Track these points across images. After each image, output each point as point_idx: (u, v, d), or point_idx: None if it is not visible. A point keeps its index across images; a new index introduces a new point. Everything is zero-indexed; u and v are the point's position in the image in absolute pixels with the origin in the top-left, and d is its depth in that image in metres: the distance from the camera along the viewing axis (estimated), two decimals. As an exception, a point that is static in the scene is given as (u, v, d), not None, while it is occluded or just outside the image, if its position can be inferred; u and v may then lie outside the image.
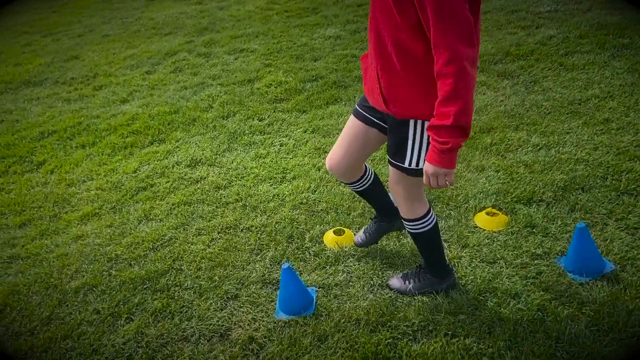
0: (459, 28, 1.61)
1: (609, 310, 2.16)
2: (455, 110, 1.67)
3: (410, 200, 2.16)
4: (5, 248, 3.26)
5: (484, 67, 4.63)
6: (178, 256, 2.90)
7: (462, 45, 1.62)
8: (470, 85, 1.67)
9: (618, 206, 2.72)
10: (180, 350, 2.33)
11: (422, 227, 2.21)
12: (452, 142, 1.73)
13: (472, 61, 1.65)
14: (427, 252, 2.34)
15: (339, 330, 2.28)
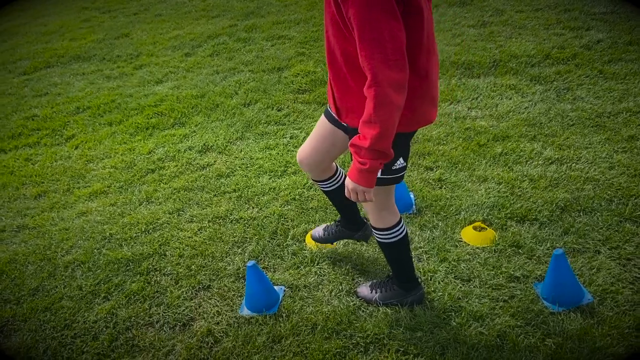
0: (383, 51, 1.52)
1: (572, 345, 2.02)
2: (373, 134, 1.61)
3: (379, 209, 2.10)
4: (17, 217, 3.46)
5: (518, 69, 4.41)
6: (165, 241, 2.98)
7: (386, 69, 1.53)
8: (391, 111, 1.59)
9: (617, 233, 2.53)
10: (142, 335, 2.40)
11: (391, 238, 2.15)
12: (369, 163, 1.67)
13: (398, 86, 1.57)
14: (394, 263, 2.28)
15: (294, 334, 2.27)
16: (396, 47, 1.53)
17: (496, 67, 4.54)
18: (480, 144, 3.43)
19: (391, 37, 1.52)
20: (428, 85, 1.78)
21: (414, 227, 2.78)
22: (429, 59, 1.74)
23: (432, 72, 1.78)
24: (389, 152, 1.67)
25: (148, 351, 2.31)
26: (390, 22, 1.51)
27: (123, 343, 2.36)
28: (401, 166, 1.95)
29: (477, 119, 3.77)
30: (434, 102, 1.86)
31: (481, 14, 5.88)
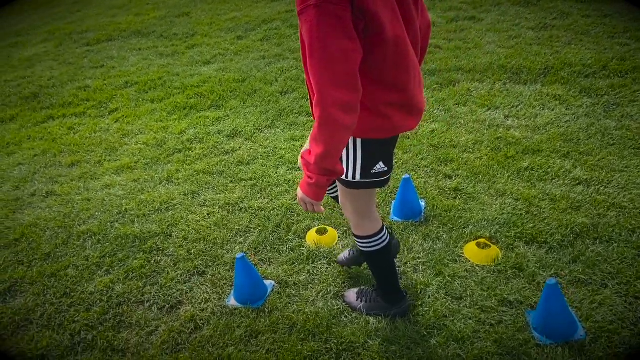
0: (332, 71, 1.45)
1: (550, 384, 1.90)
2: (317, 153, 1.58)
3: (359, 216, 2.05)
4: (48, 183, 3.65)
5: (570, 79, 4.15)
6: (174, 222, 3.05)
7: (334, 89, 1.47)
8: (336, 132, 1.53)
9: (630, 268, 2.35)
10: (131, 312, 2.48)
11: (371, 246, 2.10)
12: (315, 178, 1.63)
13: (346, 106, 1.50)
14: (376, 273, 2.23)
15: (272, 330, 2.27)
16: (346, 68, 1.46)
17: (546, 74, 4.30)
18: (508, 155, 3.27)
19: (341, 58, 1.45)
20: (402, 97, 1.70)
21: (417, 236, 2.70)
22: (400, 73, 1.66)
23: (408, 85, 1.69)
24: (334, 169, 1.62)
25: (133, 329, 2.39)
26: (342, 42, 1.44)
27: (112, 317, 2.45)
28: (382, 170, 1.88)
29: (512, 129, 3.58)
30: (413, 110, 1.78)
31: (544, 15, 5.57)
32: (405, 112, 1.74)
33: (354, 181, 1.90)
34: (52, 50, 6.64)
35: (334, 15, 1.41)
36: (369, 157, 1.83)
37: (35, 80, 5.65)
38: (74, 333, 2.39)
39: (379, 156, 1.84)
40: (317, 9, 1.41)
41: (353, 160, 1.86)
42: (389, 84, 1.65)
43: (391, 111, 1.71)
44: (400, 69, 1.63)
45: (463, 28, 5.59)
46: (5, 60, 6.56)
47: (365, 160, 1.84)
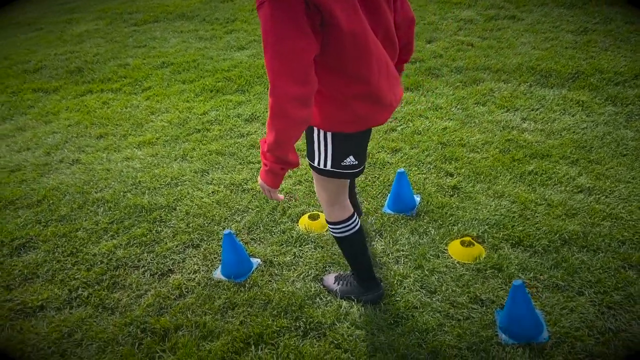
0: (284, 65, 1.52)
1: (500, 381, 1.94)
2: (270, 141, 1.65)
3: (330, 202, 2.13)
4: (76, 152, 3.90)
5: (598, 86, 4.04)
6: (180, 197, 3.21)
7: (285, 83, 1.53)
8: (287, 123, 1.60)
9: (611, 278, 2.32)
10: (126, 275, 2.65)
11: (341, 232, 2.17)
12: (269, 165, 1.72)
13: (297, 100, 1.56)
14: (349, 258, 2.30)
15: (248, 304, 2.39)
16: (299, 63, 1.52)
17: (575, 79, 4.20)
18: (515, 158, 3.25)
19: (293, 53, 1.51)
20: (366, 89, 1.75)
21: (405, 230, 2.75)
22: (361, 66, 1.70)
23: (370, 77, 1.74)
24: (287, 159, 1.70)
25: (125, 290, 2.56)
26: (294, 36, 1.50)
27: (108, 278, 2.63)
28: (352, 164, 1.95)
29: (525, 132, 3.55)
30: (381, 104, 1.82)
31: (586, 19, 5.41)
32: (372, 105, 1.79)
33: (325, 169, 1.97)
34: (102, 28, 6.97)
35: (287, 10, 1.47)
36: (339, 150, 1.90)
37: (82, 56, 5.97)
38: (72, 289, 2.59)
39: (350, 150, 1.91)
40: (271, 4, 1.47)
41: (324, 151, 1.94)
42: (352, 77, 1.70)
43: (357, 104, 1.76)
44: (361, 61, 1.68)
45: (500, 27, 5.51)
46: (58, 35, 6.95)
47: (336, 152, 1.91)
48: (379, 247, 2.67)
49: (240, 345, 2.19)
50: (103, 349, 2.24)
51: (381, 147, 3.53)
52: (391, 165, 3.31)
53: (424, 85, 4.39)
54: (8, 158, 3.92)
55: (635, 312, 2.17)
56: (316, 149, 1.95)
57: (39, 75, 5.59)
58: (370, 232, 2.77)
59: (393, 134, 3.71)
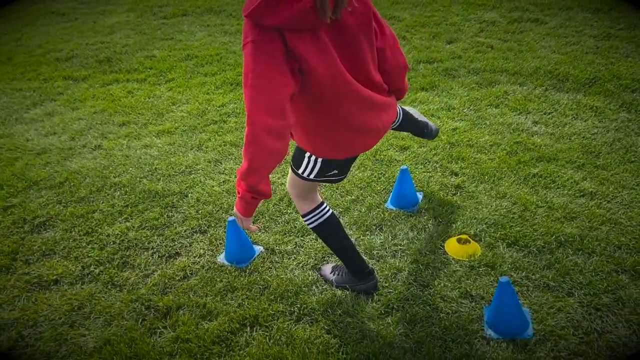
0: (260, 98, 1.63)
1: (480, 372, 2.01)
2: (243, 168, 1.76)
3: (300, 198, 2.28)
4: (99, 138, 4.08)
5: (614, 92, 4.03)
6: (193, 184, 3.35)
7: (261, 114, 1.64)
8: (260, 153, 1.70)
9: (603, 281, 2.36)
10: (136, 256, 2.80)
11: (313, 221, 2.29)
12: (241, 193, 1.83)
13: (272, 132, 1.66)
14: (331, 247, 2.40)
15: (247, 288, 2.51)
16: (273, 98, 1.63)
17: (592, 85, 4.19)
18: (521, 160, 3.28)
19: (270, 87, 1.62)
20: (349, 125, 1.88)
21: (405, 225, 2.83)
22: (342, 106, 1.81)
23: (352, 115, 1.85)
24: (258, 188, 1.79)
25: (134, 270, 2.71)
26: (272, 74, 1.61)
27: (118, 258, 2.78)
28: (334, 174, 2.11)
29: (535, 135, 3.57)
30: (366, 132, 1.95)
31: (611, 25, 5.36)
32: (357, 135, 1.94)
33: (307, 178, 2.11)
34: (132, 20, 7.19)
35: (267, 51, 1.61)
36: (325, 168, 2.06)
37: (112, 46, 6.18)
38: (85, 266, 2.74)
39: (335, 167, 2.08)
40: (254, 44, 1.61)
41: (311, 168, 2.09)
42: (332, 115, 1.84)
43: (342, 136, 1.92)
44: (340, 102, 1.81)
45: (523, 30, 5.50)
46: (91, 25, 7.19)
47: (321, 170, 2.07)
48: (377, 240, 2.75)
49: (236, 326, 2.30)
50: (109, 322, 2.39)
51: (390, 145, 3.61)
52: (398, 162, 3.38)
53: (440, 85, 4.44)
54: (36, 141, 4.12)
55: (622, 315, 2.21)
56: (304, 164, 2.08)
57: (70, 63, 5.82)
58: (370, 226, 2.86)
59: (404, 133, 3.77)
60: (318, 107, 1.82)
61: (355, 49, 1.78)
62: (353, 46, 1.77)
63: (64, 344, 2.30)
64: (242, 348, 2.21)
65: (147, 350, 2.21)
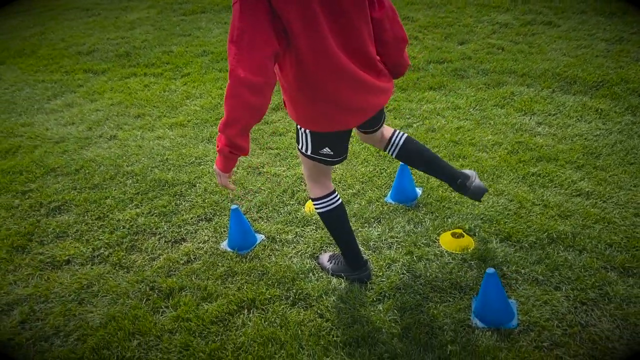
0: (241, 54, 1.72)
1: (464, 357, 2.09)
2: (222, 121, 1.85)
3: (311, 180, 2.36)
4: (114, 129, 4.24)
5: (621, 95, 4.06)
6: (201, 175, 3.48)
7: (242, 70, 1.72)
8: (238, 105, 1.79)
9: (590, 277, 2.42)
10: (144, 240, 2.94)
11: (322, 207, 2.37)
12: (220, 146, 1.92)
13: (251, 87, 1.74)
14: (333, 235, 2.47)
15: (247, 274, 2.63)
16: (255, 54, 1.72)
17: (599, 87, 4.22)
18: (522, 160, 3.35)
19: (251, 46, 1.72)
20: (329, 96, 1.94)
21: (402, 219, 2.91)
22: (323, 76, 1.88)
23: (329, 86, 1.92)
24: (236, 142, 1.87)
25: (141, 253, 2.84)
26: (255, 32, 1.71)
27: (128, 242, 2.92)
28: (328, 153, 2.17)
29: (537, 136, 3.63)
30: (346, 109, 2.01)
31: (624, 29, 5.37)
32: (336, 109, 1.99)
33: (306, 154, 2.20)
34: (152, 17, 7.37)
35: (252, 9, 1.71)
36: (316, 142, 2.14)
37: (131, 41, 6.36)
38: (96, 248, 2.89)
39: (325, 143, 2.14)
40: (241, 2, 1.71)
41: (305, 141, 2.17)
42: (312, 85, 1.91)
43: (323, 108, 1.97)
44: (320, 73, 1.87)
45: (535, 32, 5.53)
46: (113, 21, 7.40)
47: (314, 144, 2.15)
48: (375, 232, 2.84)
49: (234, 308, 2.42)
50: (115, 301, 2.52)
51: (394, 142, 3.69)
52: (400, 158, 3.47)
53: (448, 85, 4.51)
54: (55, 131, 4.30)
55: (607, 310, 2.27)
56: (300, 137, 2.18)
57: (90, 57, 6.01)
58: (369, 218, 2.95)
59: (409, 130, 3.86)
60: (301, 74, 1.87)
61: (349, 21, 1.85)
62: (347, 17, 1.84)
63: (72, 319, 2.44)
64: (239, 328, 2.32)
65: (149, 327, 2.34)
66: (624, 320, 2.21)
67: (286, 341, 2.23)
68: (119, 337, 2.30)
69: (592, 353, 2.09)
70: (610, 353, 2.08)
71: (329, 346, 2.21)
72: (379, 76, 2.09)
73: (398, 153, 2.49)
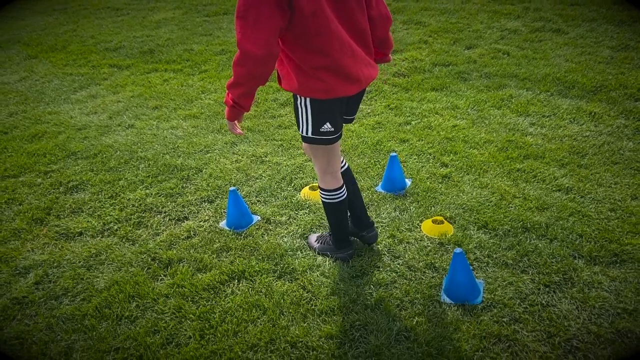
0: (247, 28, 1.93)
1: (428, 328, 2.28)
2: (229, 82, 2.11)
3: (322, 170, 2.53)
4: (133, 119, 4.54)
5: (617, 100, 4.19)
6: (208, 162, 3.74)
7: (250, 43, 1.94)
8: (245, 73, 2.02)
9: (557, 263, 2.59)
10: (150, 218, 3.20)
11: (329, 199, 2.57)
12: (226, 99, 2.19)
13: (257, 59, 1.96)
14: (330, 221, 2.68)
15: (240, 249, 2.86)
16: (261, 28, 1.93)
17: (597, 92, 4.35)
18: (510, 156, 3.51)
19: (257, 21, 1.93)
20: (327, 62, 2.12)
21: (389, 206, 3.11)
22: (322, 41, 2.07)
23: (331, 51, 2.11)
24: (239, 100, 2.14)
25: (146, 228, 3.10)
26: (261, 8, 1.91)
27: (135, 218, 3.19)
28: (328, 130, 2.32)
29: (528, 135, 3.79)
30: (346, 77, 2.18)
31: (631, 37, 5.47)
32: (336, 77, 2.16)
33: (307, 136, 2.39)
34: (177, 17, 7.71)
35: None
36: (316, 116, 2.29)
37: (156, 39, 6.69)
38: (106, 223, 3.16)
39: (326, 117, 2.30)
40: None
41: (305, 118, 2.34)
42: (315, 51, 2.10)
43: (322, 74, 2.14)
44: (322, 38, 2.06)
45: (542, 39, 5.66)
46: (140, 20, 7.76)
47: (314, 119, 2.30)
48: (362, 217, 3.04)
49: (226, 278, 2.65)
50: (119, 268, 2.78)
51: (392, 137, 3.89)
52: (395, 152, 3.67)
53: (450, 86, 4.69)
54: (78, 119, 4.62)
55: (569, 293, 2.43)
56: (300, 117, 2.35)
57: (117, 53, 6.36)
58: (359, 205, 3.15)
59: (407, 127, 4.05)
60: (303, 44, 2.07)
61: None
62: None
63: (80, 282, 2.71)
64: (228, 296, 2.56)
65: (147, 292, 2.59)
66: (584, 302, 2.37)
67: (269, 307, 2.45)
68: (119, 299, 2.56)
69: (548, 329, 2.26)
70: (565, 330, 2.25)
71: (307, 313, 2.42)
72: (370, 53, 2.30)
73: None
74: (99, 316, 2.48)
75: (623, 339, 2.20)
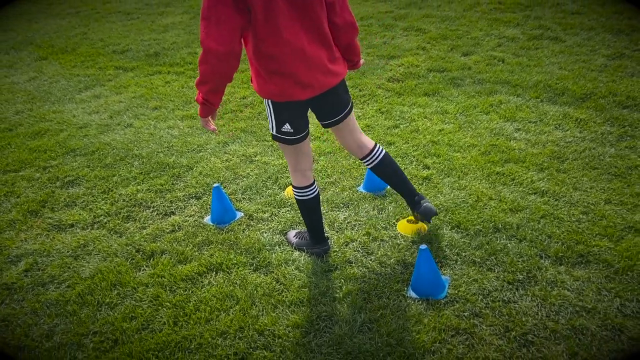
0: (210, 27, 2.05)
1: (391, 320, 2.37)
2: (198, 79, 2.22)
3: (291, 168, 2.67)
4: (132, 118, 4.70)
5: (605, 107, 4.24)
6: (199, 160, 3.87)
7: (210, 41, 2.06)
8: (208, 71, 2.14)
9: (522, 262, 2.66)
10: (138, 212, 3.34)
11: (300, 196, 2.69)
12: (197, 97, 2.31)
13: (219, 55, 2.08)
14: (304, 218, 2.80)
15: (219, 243, 2.98)
16: (222, 27, 2.05)
17: (586, 99, 4.41)
18: (491, 160, 3.59)
19: (219, 21, 2.05)
20: (279, 67, 2.24)
21: (368, 205, 3.22)
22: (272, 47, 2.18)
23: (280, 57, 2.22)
24: (208, 97, 2.26)
25: (134, 222, 3.24)
26: (222, 9, 2.04)
27: (125, 212, 3.33)
28: (288, 131, 2.47)
29: (512, 140, 3.86)
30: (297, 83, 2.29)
31: (628, 45, 5.50)
32: (288, 82, 2.29)
33: (273, 134, 2.53)
34: (185, 21, 7.91)
35: None
36: (277, 116, 2.44)
37: (162, 43, 6.88)
38: (96, 216, 3.31)
39: (285, 118, 2.44)
40: None
41: (270, 118, 2.50)
42: (267, 56, 2.23)
43: (275, 78, 2.28)
44: (272, 43, 2.18)
45: (539, 46, 5.72)
46: (149, 24, 7.97)
47: (276, 119, 2.45)
48: (342, 216, 3.15)
49: (203, 270, 2.77)
50: (104, 258, 2.92)
51: (379, 140, 3.99)
52: (379, 154, 3.77)
53: (442, 92, 4.78)
54: (80, 118, 4.79)
55: (531, 290, 2.51)
56: (267, 116, 2.50)
57: (123, 56, 6.55)
58: (339, 204, 3.26)
59: (394, 130, 4.15)
60: (258, 49, 2.20)
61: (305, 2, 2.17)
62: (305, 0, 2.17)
63: (67, 270, 2.85)
64: (204, 286, 2.68)
65: (128, 280, 2.72)
66: (544, 300, 2.45)
67: (241, 298, 2.57)
68: (102, 286, 2.70)
69: (506, 324, 2.34)
70: (522, 325, 2.32)
71: (277, 304, 2.53)
72: (333, 60, 2.39)
73: (375, 165, 2.77)
74: (81, 302, 2.61)
75: (578, 335, 2.27)
